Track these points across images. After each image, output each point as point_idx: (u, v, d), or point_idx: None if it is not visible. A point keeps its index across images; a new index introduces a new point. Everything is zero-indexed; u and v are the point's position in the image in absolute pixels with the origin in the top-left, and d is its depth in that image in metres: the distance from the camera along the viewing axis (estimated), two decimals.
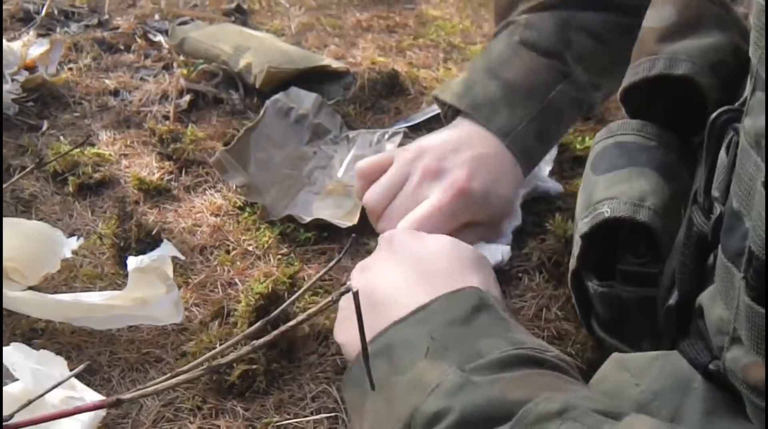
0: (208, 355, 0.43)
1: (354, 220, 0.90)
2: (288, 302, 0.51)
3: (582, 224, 0.68)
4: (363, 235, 0.89)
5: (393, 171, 0.85)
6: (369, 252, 0.87)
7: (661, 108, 0.72)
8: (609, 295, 0.67)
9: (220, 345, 0.69)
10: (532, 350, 0.54)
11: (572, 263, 0.70)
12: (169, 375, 0.43)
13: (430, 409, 0.51)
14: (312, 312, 0.41)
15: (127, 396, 0.42)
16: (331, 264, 0.61)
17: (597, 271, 0.69)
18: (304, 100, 1.10)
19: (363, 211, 0.90)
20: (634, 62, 0.71)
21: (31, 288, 0.79)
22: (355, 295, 0.38)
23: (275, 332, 0.40)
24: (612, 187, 0.67)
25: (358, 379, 0.59)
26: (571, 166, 1.03)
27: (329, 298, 0.40)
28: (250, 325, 0.74)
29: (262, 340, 0.39)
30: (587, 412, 0.46)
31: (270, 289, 0.76)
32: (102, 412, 0.65)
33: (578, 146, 1.06)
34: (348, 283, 0.66)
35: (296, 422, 0.68)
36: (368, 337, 0.54)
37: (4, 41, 1.16)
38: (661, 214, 0.64)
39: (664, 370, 0.55)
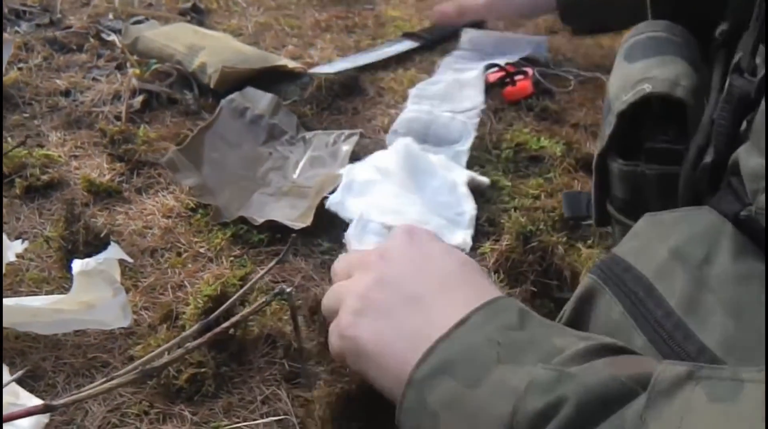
0: (143, 358, 0.41)
1: (308, 221, 0.89)
2: (229, 302, 0.50)
3: (620, 103, 0.72)
4: (316, 237, 0.88)
5: None
6: (323, 252, 0.87)
7: (684, 12, 0.78)
8: (633, 174, 0.71)
9: (153, 351, 0.67)
10: (604, 339, 0.52)
11: (600, 145, 0.75)
12: (104, 380, 0.42)
13: (535, 407, 0.47)
14: (246, 312, 0.40)
15: (59, 401, 0.41)
16: (271, 264, 0.61)
17: (622, 153, 0.73)
18: (260, 100, 1.09)
19: (317, 211, 0.89)
20: None
21: None
22: (290, 295, 0.37)
23: (208, 334, 0.39)
24: (648, 71, 0.72)
25: (418, 404, 0.54)
26: (526, 165, 1.03)
27: (264, 300, 0.39)
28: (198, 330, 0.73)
29: (195, 343, 0.38)
30: (714, 368, 0.44)
31: (219, 292, 0.74)
32: (44, 418, 0.64)
33: (533, 146, 1.06)
34: (284, 286, 0.64)
35: (246, 426, 0.67)
36: (410, 337, 0.56)
37: None
38: (692, 94, 0.69)
39: (696, 221, 0.57)
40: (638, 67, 0.74)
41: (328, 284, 0.82)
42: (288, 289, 0.38)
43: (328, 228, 0.90)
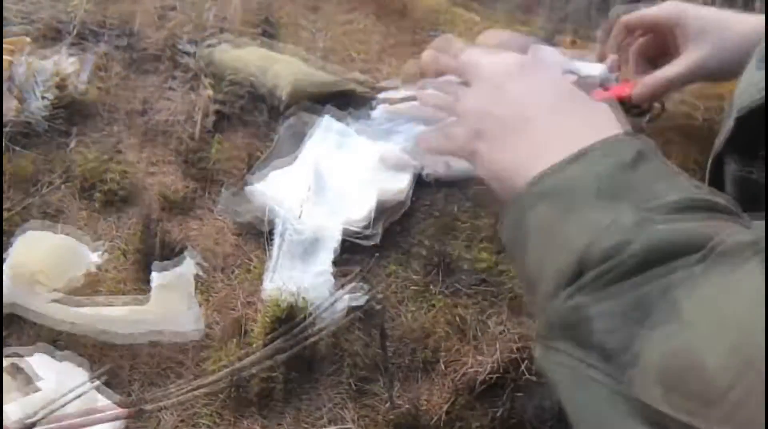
0: (230, 369, 0.43)
1: (377, 239, 0.91)
2: (309, 320, 0.51)
3: (741, 108, 0.68)
4: (384, 257, 0.90)
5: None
6: (389, 275, 0.88)
7: None
8: (746, 181, 0.70)
9: (239, 362, 0.69)
10: (708, 195, 0.53)
11: (716, 147, 0.72)
12: (191, 387, 0.43)
13: (607, 244, 0.50)
14: (332, 328, 0.42)
15: (150, 406, 0.43)
16: (349, 282, 0.62)
17: (739, 156, 0.71)
18: (317, 123, 1.11)
19: (384, 230, 0.91)
20: None
21: (55, 300, 0.80)
22: (380, 313, 0.38)
23: (296, 347, 0.40)
24: None
25: (518, 221, 0.58)
26: None
27: (350, 316, 0.40)
28: (266, 345, 0.74)
29: (284, 355, 0.40)
30: None
31: (286, 313, 0.76)
32: (121, 424, 0.66)
33: None
34: (370, 302, 0.66)
35: None
36: (513, 164, 0.60)
37: (36, 60, 1.18)
38: None
39: None
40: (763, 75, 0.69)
41: (396, 306, 0.83)
42: (377, 307, 0.39)
43: (393, 248, 0.92)
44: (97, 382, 0.56)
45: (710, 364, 0.42)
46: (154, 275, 0.75)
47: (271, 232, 0.92)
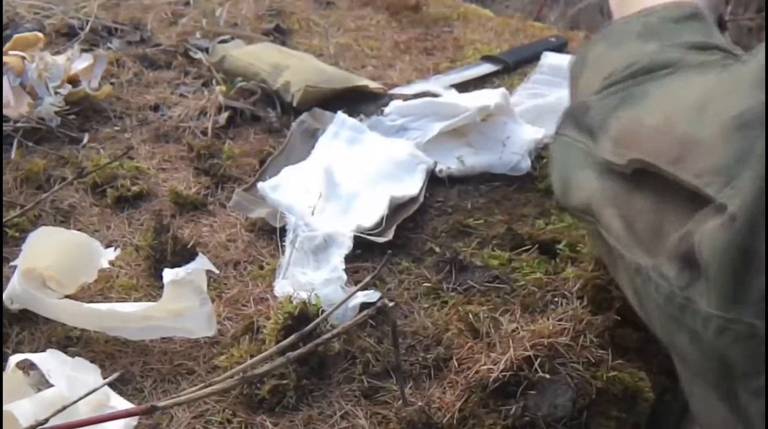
0: (242, 366, 0.43)
1: (390, 235, 0.90)
2: (321, 318, 0.51)
3: None
4: (396, 255, 0.89)
5: None
6: (402, 272, 0.88)
7: None
8: None
9: (251, 360, 0.69)
10: (722, 43, 0.67)
11: None
12: (203, 384, 0.43)
13: (626, 62, 0.66)
14: (346, 326, 0.41)
15: (162, 404, 0.42)
16: (363, 281, 0.61)
17: None
18: (330, 120, 1.11)
19: (397, 227, 0.91)
20: None
21: (67, 296, 0.80)
22: (393, 311, 0.38)
23: (309, 345, 0.40)
24: None
25: (582, 56, 0.76)
26: None
27: (363, 313, 0.40)
28: (278, 343, 0.74)
29: (296, 353, 0.40)
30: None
31: (299, 311, 0.75)
32: (133, 421, 0.66)
33: None
34: (383, 300, 0.66)
35: None
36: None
37: (49, 55, 1.18)
38: None
39: None
40: None
41: (409, 303, 0.83)
42: (390, 304, 0.39)
43: (406, 246, 0.91)
44: (110, 379, 0.56)
45: (647, 122, 0.58)
46: (166, 272, 0.75)
47: (283, 230, 0.91)
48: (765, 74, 0.48)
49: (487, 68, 1.33)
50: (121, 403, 0.67)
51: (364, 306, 0.78)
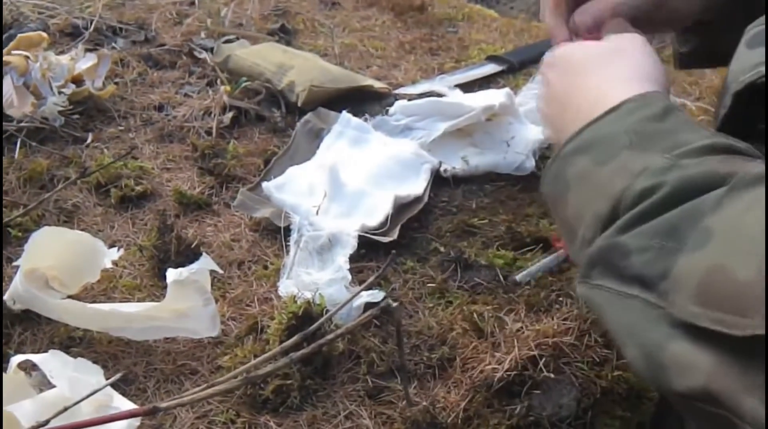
0: (245, 366, 0.42)
1: (394, 235, 0.90)
2: (325, 318, 0.51)
3: (737, 84, 0.68)
4: (401, 254, 0.89)
5: None
6: (406, 272, 0.87)
7: None
8: None
9: (255, 360, 0.69)
10: (729, 139, 0.58)
11: (714, 126, 0.73)
12: (206, 385, 0.43)
13: (640, 187, 0.55)
14: (350, 326, 0.41)
15: (164, 404, 0.42)
16: (368, 281, 0.61)
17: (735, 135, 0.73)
18: (334, 120, 1.11)
19: (402, 227, 0.90)
20: None
21: (70, 297, 0.80)
22: (397, 311, 0.38)
23: (313, 345, 0.39)
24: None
25: (557, 174, 0.64)
26: None
27: (368, 313, 0.39)
28: (282, 343, 0.74)
29: (300, 353, 0.39)
30: None
31: (303, 311, 0.75)
32: (136, 422, 0.65)
33: None
34: (387, 299, 0.66)
35: None
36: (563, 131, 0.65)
37: (53, 55, 1.18)
38: None
39: None
40: (758, 52, 0.70)
41: (413, 303, 0.83)
42: (394, 304, 0.38)
43: (411, 245, 0.91)
44: (112, 380, 0.56)
45: (741, 277, 0.46)
46: (169, 272, 0.74)
47: (288, 230, 0.91)
48: None
49: (491, 68, 1.33)
50: (124, 404, 0.66)
51: (368, 306, 0.78)
